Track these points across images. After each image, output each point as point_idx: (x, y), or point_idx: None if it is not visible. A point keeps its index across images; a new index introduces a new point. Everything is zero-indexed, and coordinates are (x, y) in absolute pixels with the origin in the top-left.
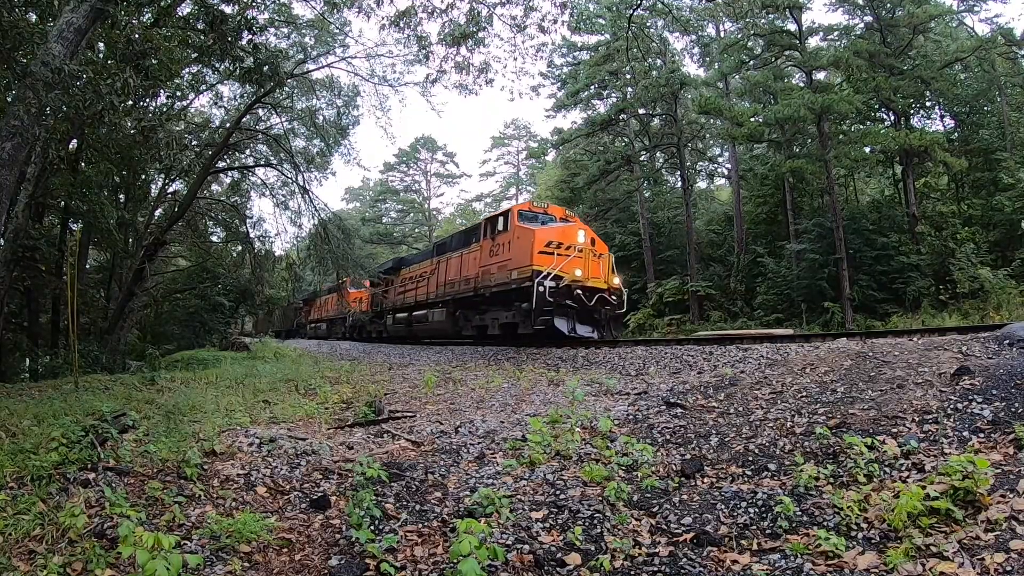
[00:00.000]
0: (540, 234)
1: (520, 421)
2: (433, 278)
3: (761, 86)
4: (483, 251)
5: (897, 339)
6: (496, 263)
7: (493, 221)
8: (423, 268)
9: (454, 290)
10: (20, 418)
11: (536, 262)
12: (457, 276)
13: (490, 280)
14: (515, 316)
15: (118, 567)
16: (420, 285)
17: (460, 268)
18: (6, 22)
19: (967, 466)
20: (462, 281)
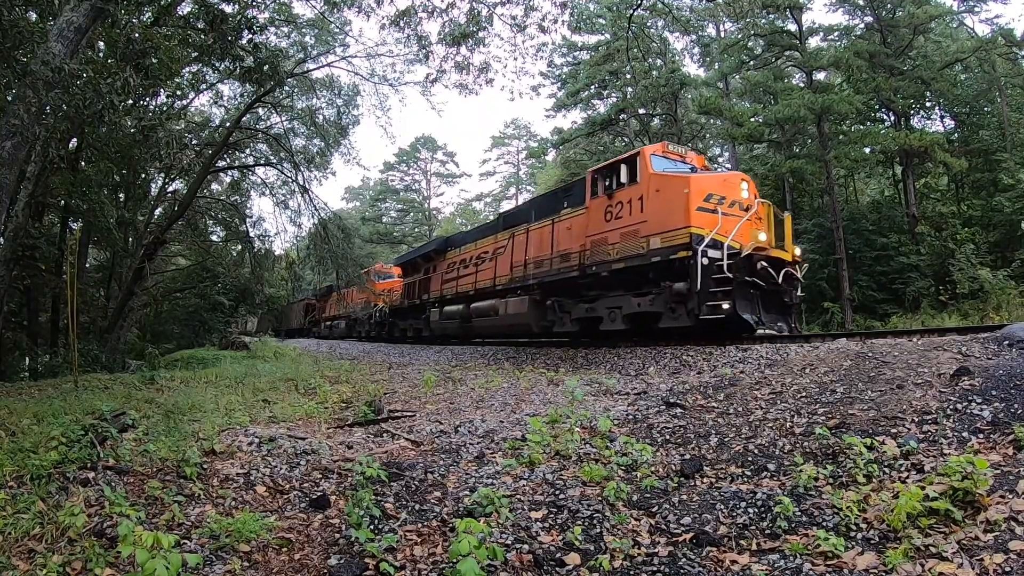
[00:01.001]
0: (697, 183)
1: (520, 421)
2: (503, 258)
3: (761, 86)
4: (591, 215)
5: (897, 339)
6: (618, 229)
7: (610, 172)
8: (484, 247)
9: (542, 271)
10: (20, 417)
11: (695, 222)
12: (546, 252)
13: (606, 253)
14: (655, 302)
15: (117, 566)
16: (482, 268)
17: (550, 241)
18: (6, 21)
19: (966, 467)
20: (556, 258)
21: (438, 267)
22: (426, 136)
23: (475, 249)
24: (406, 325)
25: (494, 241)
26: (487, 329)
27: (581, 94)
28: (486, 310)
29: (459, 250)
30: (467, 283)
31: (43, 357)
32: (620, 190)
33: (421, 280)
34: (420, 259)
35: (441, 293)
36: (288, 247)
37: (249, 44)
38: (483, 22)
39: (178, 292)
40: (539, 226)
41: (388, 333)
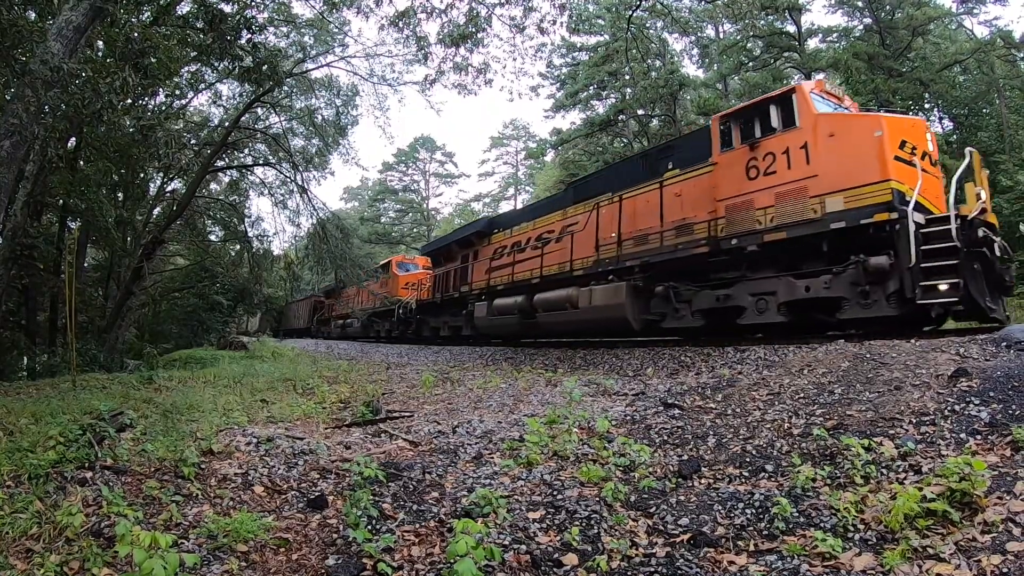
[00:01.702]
0: (892, 125)
1: (518, 421)
2: (581, 235)
3: (760, 87)
4: (723, 173)
5: (895, 341)
6: (771, 188)
7: (751, 115)
8: (548, 225)
9: (646, 249)
10: (17, 416)
11: (895, 174)
12: (650, 224)
13: (752, 221)
14: (835, 285)
15: (115, 566)
16: (548, 251)
17: (656, 210)
18: (5, 20)
19: (964, 468)
20: (669, 231)
21: (481, 253)
22: (425, 136)
23: (533, 229)
24: (439, 323)
25: (562, 217)
26: (559, 327)
27: (580, 95)
28: (557, 302)
29: (509, 232)
30: (526, 270)
31: (41, 356)
32: (768, 138)
33: (458, 269)
34: (456, 245)
35: (488, 283)
36: (287, 247)
37: (248, 44)
38: (482, 23)
39: (176, 292)
40: (636, 193)
41: (415, 333)
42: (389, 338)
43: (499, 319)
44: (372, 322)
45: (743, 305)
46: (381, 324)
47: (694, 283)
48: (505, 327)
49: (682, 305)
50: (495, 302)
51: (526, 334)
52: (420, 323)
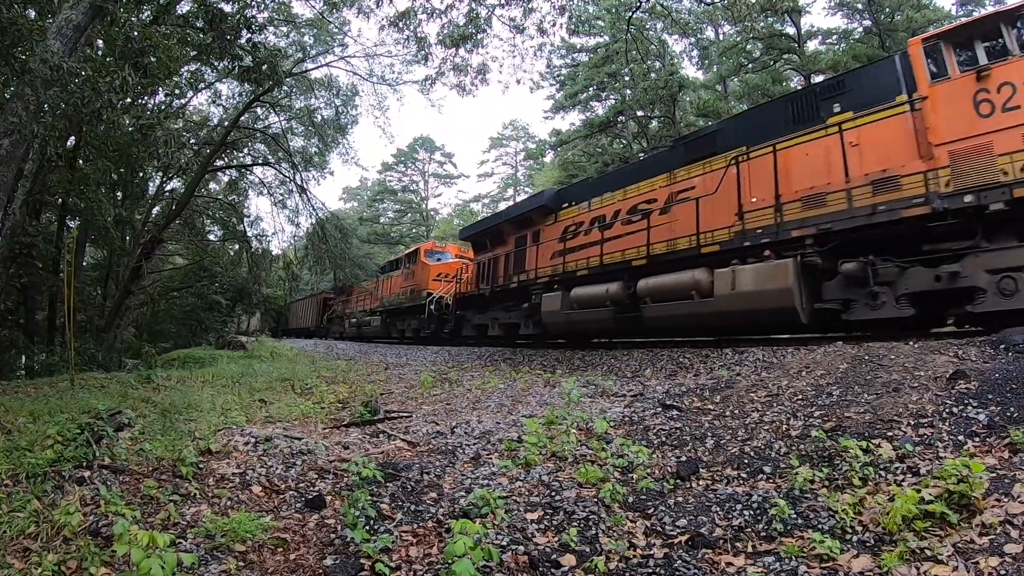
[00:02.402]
0: None
1: (516, 422)
2: (709, 202)
3: (760, 89)
4: (936, 110)
5: (893, 342)
6: (1014, 128)
7: (969, 35)
8: (648, 191)
9: (823, 212)
10: (16, 415)
11: None
12: (831, 181)
13: (997, 171)
14: None
15: (113, 565)
16: (656, 224)
17: (841, 161)
18: (5, 19)
19: (962, 470)
20: (862, 187)
21: (545, 233)
22: (424, 137)
23: (623, 198)
24: (485, 320)
25: (668, 181)
26: (678, 321)
27: (580, 96)
28: (676, 289)
29: (587, 204)
30: (618, 250)
31: (40, 355)
32: (1001, 63)
33: (512, 254)
34: (508, 226)
35: (563, 268)
36: (286, 247)
37: (248, 43)
38: (482, 24)
39: (175, 291)
40: (795, 143)
41: (453, 332)
42: (417, 339)
43: (581, 313)
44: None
45: (978, 286)
46: (406, 322)
47: (894, 257)
48: (591, 323)
49: (880, 288)
50: (574, 292)
51: (623, 331)
52: (459, 320)
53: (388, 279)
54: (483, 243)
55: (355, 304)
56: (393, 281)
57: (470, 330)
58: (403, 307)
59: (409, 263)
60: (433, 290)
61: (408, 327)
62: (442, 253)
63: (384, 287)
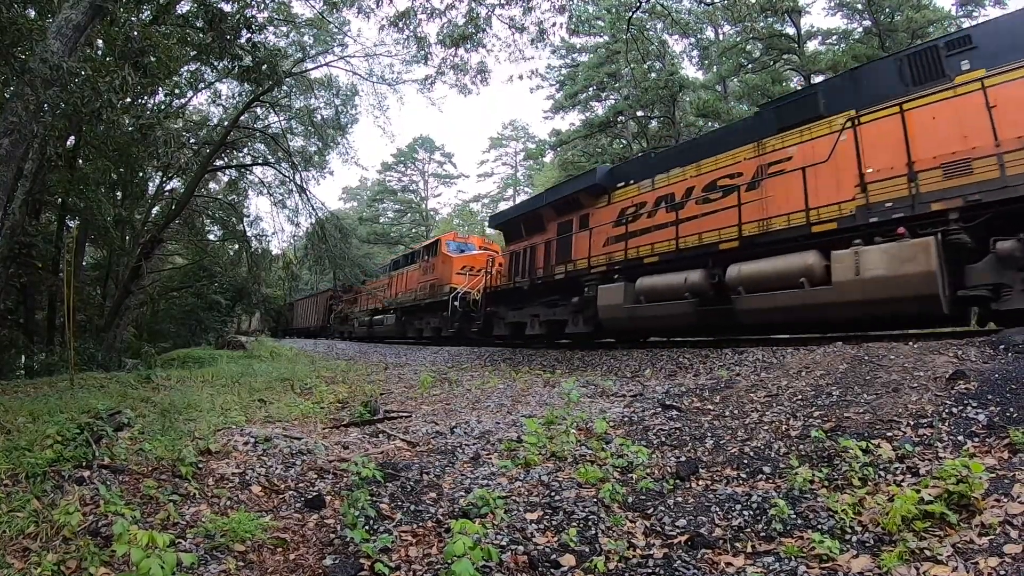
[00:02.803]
0: None
1: (516, 422)
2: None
3: (759, 89)
4: None
5: (893, 343)
6: None
7: None
8: (726, 166)
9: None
10: (15, 415)
11: None
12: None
13: None
14: None
15: (112, 565)
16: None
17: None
18: (5, 18)
19: (962, 470)
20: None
21: (596, 216)
22: (424, 137)
23: (696, 174)
24: (522, 316)
25: (756, 152)
26: (783, 313)
27: (579, 96)
28: (780, 276)
29: (650, 182)
30: (696, 231)
31: (39, 355)
32: None
33: (554, 242)
34: (549, 210)
35: (625, 255)
36: (286, 247)
37: (248, 43)
38: (482, 24)
39: (175, 291)
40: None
41: (483, 330)
42: (438, 338)
43: (651, 308)
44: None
45: None
46: (424, 320)
47: None
48: (664, 318)
49: None
50: (641, 283)
51: (707, 327)
52: (489, 318)
53: (402, 274)
54: (517, 231)
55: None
56: (408, 276)
57: (502, 328)
58: (421, 304)
59: (428, 256)
60: (457, 284)
61: (427, 326)
62: (466, 245)
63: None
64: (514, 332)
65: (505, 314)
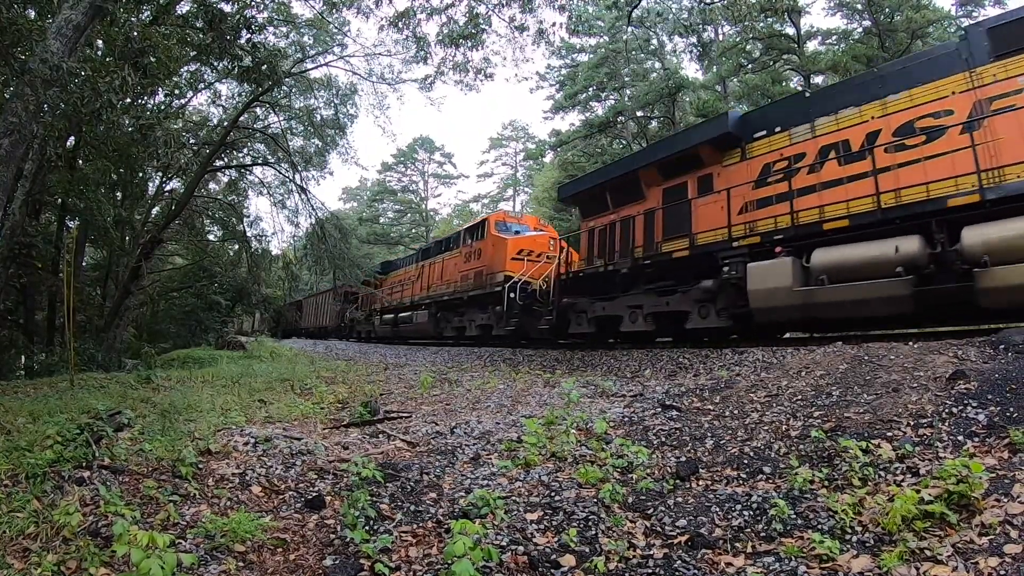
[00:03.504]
0: None
1: (516, 422)
2: None
3: (759, 89)
4: None
5: (893, 343)
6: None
7: None
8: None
9: None
10: (15, 416)
11: None
12: None
13: None
14: None
15: (112, 565)
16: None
17: None
18: (5, 19)
19: (962, 470)
20: None
21: (724, 176)
22: (424, 137)
23: (884, 114)
24: (616, 309)
25: (970, 83)
26: None
27: (579, 96)
28: None
29: (805, 130)
30: (892, 187)
31: (39, 355)
32: None
33: (657, 213)
34: (650, 172)
35: (792, 220)
36: (285, 247)
37: (247, 43)
38: (482, 23)
39: (175, 291)
40: None
41: (555, 328)
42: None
43: (840, 291)
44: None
45: None
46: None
47: None
48: (861, 304)
49: None
50: (821, 257)
51: (929, 315)
52: (564, 312)
53: (436, 263)
54: (598, 202)
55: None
56: (445, 265)
57: (584, 324)
58: (464, 297)
59: (471, 239)
60: (512, 272)
61: (471, 323)
62: (519, 226)
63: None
64: (602, 328)
65: (588, 306)
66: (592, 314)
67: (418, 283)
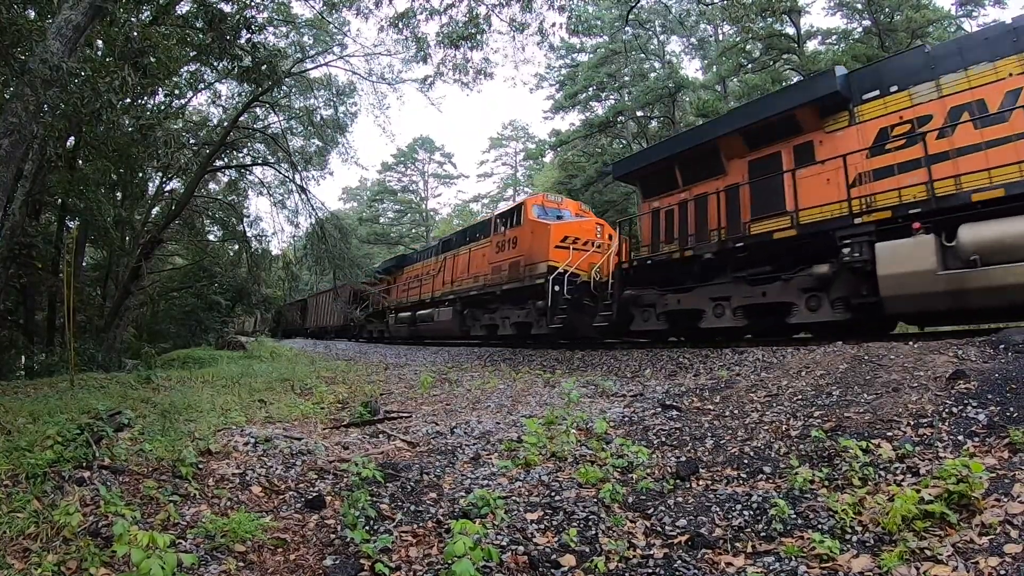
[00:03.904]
0: None
1: (516, 422)
2: None
3: (759, 89)
4: None
5: (893, 343)
6: None
7: None
8: None
9: None
10: (15, 416)
11: None
12: None
13: None
14: None
15: (112, 566)
16: None
17: None
18: (4, 19)
19: (962, 470)
20: None
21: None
22: (424, 137)
23: None
24: (694, 301)
25: None
26: None
27: (579, 96)
28: None
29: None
30: None
31: (39, 356)
32: None
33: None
34: (730, 142)
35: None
36: (285, 247)
37: (247, 44)
38: (481, 23)
39: (175, 291)
40: None
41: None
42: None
43: (1000, 274)
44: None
45: None
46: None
47: None
48: None
49: None
50: (971, 234)
51: None
52: (626, 305)
53: (461, 255)
54: (665, 180)
55: (401, 293)
56: (472, 256)
57: (653, 320)
58: (497, 291)
59: (505, 227)
60: (557, 262)
61: (505, 320)
62: (560, 211)
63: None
64: (674, 324)
65: (657, 299)
66: (663, 308)
67: (439, 277)
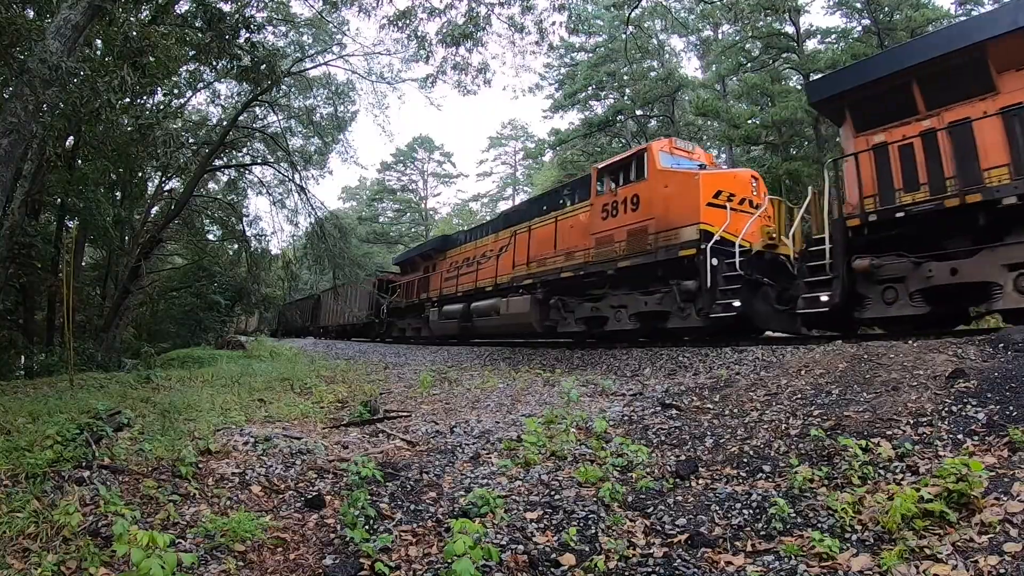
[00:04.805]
0: None
1: (515, 421)
2: None
3: (758, 88)
4: None
5: (893, 341)
6: None
7: None
8: None
9: None
10: (15, 416)
11: None
12: None
13: None
14: None
15: (112, 565)
16: None
17: None
18: (4, 18)
19: (961, 469)
20: None
21: None
22: (423, 136)
23: None
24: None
25: None
26: None
27: (579, 95)
28: None
29: None
30: None
31: (39, 355)
32: None
33: None
34: None
35: None
36: (285, 246)
37: (247, 43)
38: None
39: (174, 291)
40: None
41: (835, 312)
42: (651, 332)
43: None
44: (566, 300)
45: None
46: (613, 301)
47: None
48: None
49: None
50: None
51: None
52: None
53: (540, 227)
54: (894, 102)
55: (446, 282)
56: (560, 228)
57: (904, 302)
58: (610, 271)
59: (616, 182)
60: (711, 225)
61: (622, 310)
62: (691, 160)
63: (528, 243)
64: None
65: (910, 272)
66: (921, 283)
67: (505, 258)
